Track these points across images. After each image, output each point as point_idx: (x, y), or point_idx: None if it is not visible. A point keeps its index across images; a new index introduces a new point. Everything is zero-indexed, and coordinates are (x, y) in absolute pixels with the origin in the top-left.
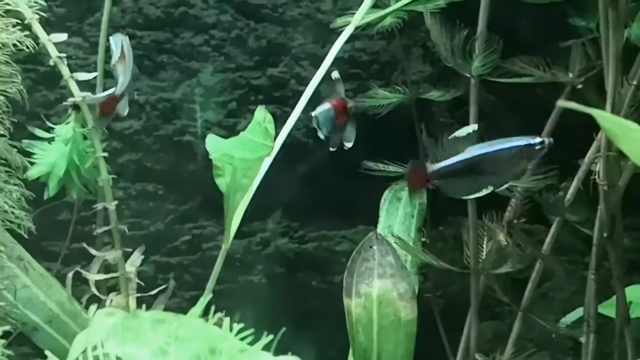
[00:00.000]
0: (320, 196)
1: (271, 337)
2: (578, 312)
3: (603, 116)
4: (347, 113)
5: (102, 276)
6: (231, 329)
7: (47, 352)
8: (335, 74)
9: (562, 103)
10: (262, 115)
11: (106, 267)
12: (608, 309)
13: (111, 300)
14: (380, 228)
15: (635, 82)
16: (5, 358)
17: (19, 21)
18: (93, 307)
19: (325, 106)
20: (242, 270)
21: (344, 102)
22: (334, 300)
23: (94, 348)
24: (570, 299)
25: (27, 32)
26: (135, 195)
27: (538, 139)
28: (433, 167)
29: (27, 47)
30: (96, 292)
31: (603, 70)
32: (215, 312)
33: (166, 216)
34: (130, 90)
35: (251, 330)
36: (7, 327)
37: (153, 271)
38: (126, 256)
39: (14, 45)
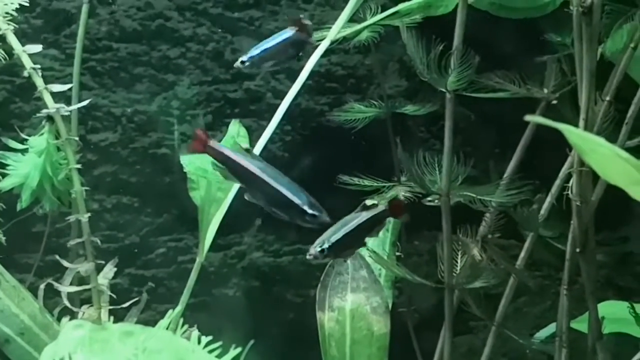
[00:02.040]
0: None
1: (239, 350)
2: (552, 328)
3: (571, 131)
4: None
5: (74, 288)
6: (199, 342)
7: None
8: None
9: (530, 118)
10: (235, 129)
11: (80, 280)
12: (580, 324)
13: (83, 313)
14: None
15: (608, 98)
16: None
17: None
18: (65, 320)
19: None
20: (217, 284)
21: None
22: (309, 314)
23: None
24: (544, 314)
25: (1, 44)
26: (111, 208)
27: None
28: None
29: (2, 59)
30: (68, 305)
31: (577, 86)
32: (190, 325)
33: (142, 229)
34: None
35: (219, 343)
36: None
37: (128, 284)
38: (100, 269)
39: None
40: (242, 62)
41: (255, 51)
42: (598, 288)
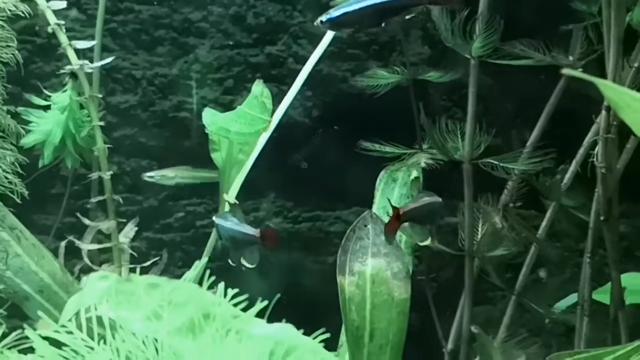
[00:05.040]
0: (315, 176)
1: (265, 303)
2: (572, 298)
3: (607, 86)
4: None
5: (95, 246)
6: (225, 295)
7: (40, 313)
8: None
9: (566, 71)
10: (259, 89)
11: (99, 242)
12: (602, 295)
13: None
14: (376, 209)
15: (636, 65)
16: None
17: None
18: (85, 278)
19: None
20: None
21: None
22: (327, 280)
23: (87, 310)
24: (564, 285)
25: (24, 0)
26: (130, 171)
27: None
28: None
29: (24, 14)
30: (89, 263)
31: (604, 54)
32: (209, 279)
33: (160, 193)
34: None
35: (245, 296)
36: None
37: (146, 247)
38: (120, 229)
39: (11, 12)
40: (321, 22)
41: (335, 13)
42: (619, 259)
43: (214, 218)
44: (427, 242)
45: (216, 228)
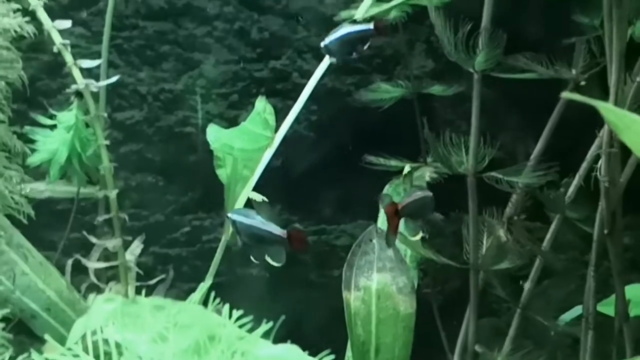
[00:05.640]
0: (321, 190)
1: (270, 324)
2: (577, 310)
3: (607, 108)
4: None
5: (101, 264)
6: (230, 317)
7: (46, 337)
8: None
9: (566, 95)
10: (262, 105)
11: (106, 258)
12: (607, 307)
13: (110, 289)
14: (381, 222)
15: (638, 79)
16: (4, 341)
17: (22, 8)
18: (93, 296)
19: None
20: (241, 263)
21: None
22: (333, 294)
23: (93, 333)
24: (569, 297)
25: (30, 19)
26: (136, 186)
27: None
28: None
29: (29, 34)
30: (95, 281)
31: (606, 68)
32: (214, 301)
33: (166, 207)
34: None
35: (250, 318)
36: (6, 311)
37: (152, 262)
38: (126, 246)
39: (17, 33)
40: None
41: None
42: (623, 271)
43: (228, 215)
44: (419, 237)
45: (232, 224)
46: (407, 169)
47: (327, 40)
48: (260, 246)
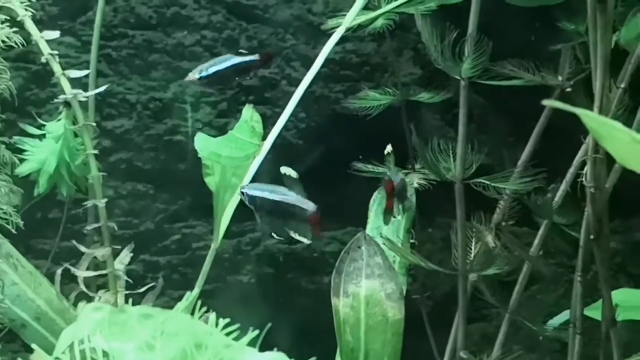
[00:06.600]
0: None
1: (256, 332)
2: (565, 315)
3: (589, 116)
4: None
5: (90, 273)
6: (217, 325)
7: (33, 346)
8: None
9: (547, 102)
10: (249, 113)
11: (96, 266)
12: (594, 311)
13: (99, 298)
14: (369, 229)
15: (622, 85)
16: None
17: (10, 18)
18: (81, 305)
19: None
20: (231, 270)
21: None
22: (322, 300)
23: (81, 342)
24: (558, 301)
25: (19, 30)
26: (126, 195)
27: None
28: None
29: (17, 44)
30: (85, 289)
31: (592, 74)
32: (201, 309)
33: (156, 215)
34: None
35: (236, 326)
36: None
37: (142, 270)
38: (115, 254)
39: (4, 43)
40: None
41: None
42: (611, 276)
43: (243, 190)
44: (399, 217)
45: (251, 199)
46: (388, 148)
47: (205, 71)
48: (282, 222)
